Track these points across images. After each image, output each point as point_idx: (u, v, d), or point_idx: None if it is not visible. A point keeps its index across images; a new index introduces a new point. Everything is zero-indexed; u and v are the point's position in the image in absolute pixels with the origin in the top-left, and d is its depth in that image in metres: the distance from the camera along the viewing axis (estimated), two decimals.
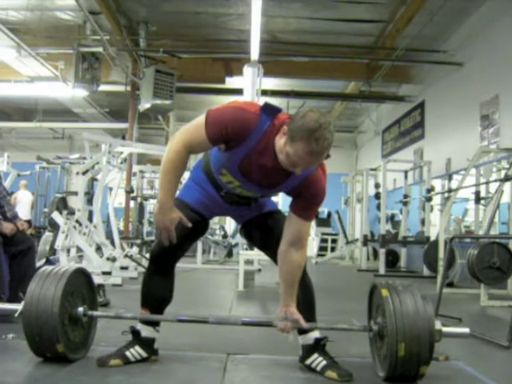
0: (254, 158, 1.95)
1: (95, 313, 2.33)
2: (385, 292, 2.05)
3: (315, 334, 2.23)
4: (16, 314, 2.17)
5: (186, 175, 2.49)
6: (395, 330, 1.94)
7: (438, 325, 2.03)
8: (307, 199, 2.05)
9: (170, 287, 2.29)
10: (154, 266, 2.27)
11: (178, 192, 2.16)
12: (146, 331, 2.25)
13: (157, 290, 2.27)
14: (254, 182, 2.05)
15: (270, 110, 1.90)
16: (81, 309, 2.23)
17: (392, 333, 1.95)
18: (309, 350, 2.22)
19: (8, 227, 3.32)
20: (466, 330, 2.16)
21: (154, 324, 2.27)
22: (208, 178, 2.19)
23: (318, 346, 2.21)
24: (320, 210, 14.30)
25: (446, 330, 2.06)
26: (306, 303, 2.25)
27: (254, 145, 1.92)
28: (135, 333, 2.26)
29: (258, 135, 1.90)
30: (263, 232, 2.27)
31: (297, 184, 2.03)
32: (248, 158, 1.96)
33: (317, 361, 2.18)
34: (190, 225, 2.01)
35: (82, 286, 2.31)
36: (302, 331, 2.23)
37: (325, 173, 2.07)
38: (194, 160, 2.66)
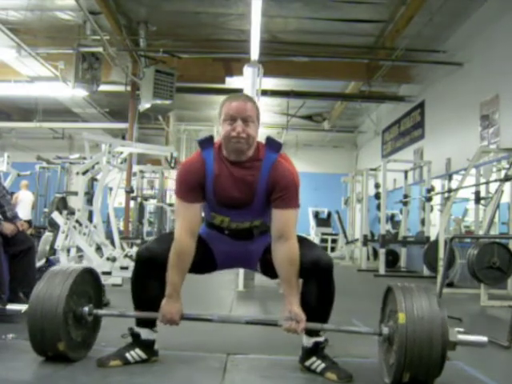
0: (221, 181, 2.13)
1: (100, 312, 2.33)
2: (402, 318, 1.92)
3: (316, 338, 2.21)
4: (22, 311, 2.17)
5: None
6: (403, 360, 1.87)
7: (453, 335, 1.94)
8: (281, 187, 2.10)
9: (163, 286, 2.20)
10: (142, 268, 2.21)
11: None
12: (145, 333, 2.24)
13: (146, 292, 2.21)
14: (236, 206, 2.16)
15: (206, 143, 2.17)
16: (86, 308, 2.23)
17: (400, 362, 1.89)
18: (308, 352, 2.21)
19: (9, 228, 3.31)
20: (484, 338, 2.03)
21: (151, 325, 2.25)
22: (211, 228, 2.31)
23: (318, 349, 2.20)
24: (320, 209, 14.34)
25: (462, 338, 1.97)
26: (324, 304, 2.20)
27: (213, 172, 2.13)
28: (135, 335, 2.25)
29: (210, 164, 2.14)
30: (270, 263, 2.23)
31: (267, 180, 2.10)
32: (217, 185, 2.14)
33: (316, 363, 2.17)
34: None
35: (89, 285, 2.32)
36: (306, 332, 2.21)
37: (287, 161, 2.18)
38: None
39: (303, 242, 2.20)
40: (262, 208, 2.17)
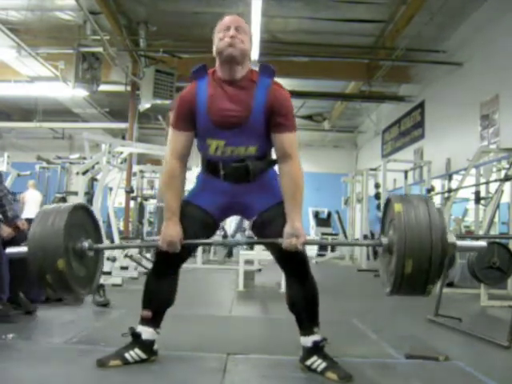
0: (215, 99, 2.16)
1: (100, 246, 2.34)
2: (398, 207, 1.96)
3: (314, 337, 2.22)
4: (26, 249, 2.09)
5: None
6: (404, 246, 1.86)
7: (451, 238, 1.95)
8: (282, 114, 2.16)
9: (174, 289, 2.27)
10: (160, 267, 2.25)
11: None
12: (146, 333, 2.24)
13: (161, 292, 2.24)
14: (231, 124, 2.14)
15: (199, 71, 2.25)
16: (86, 243, 2.20)
17: (400, 249, 1.88)
18: (309, 351, 2.22)
19: (6, 231, 3.30)
20: (484, 243, 2.10)
21: (155, 325, 2.26)
22: (205, 171, 2.30)
23: (317, 349, 2.20)
24: (320, 209, 14.34)
25: (460, 243, 1.99)
26: (309, 302, 2.24)
27: (207, 94, 2.17)
28: (135, 335, 2.25)
29: (203, 89, 2.19)
30: (267, 234, 2.26)
31: (264, 101, 2.14)
32: (211, 104, 2.16)
33: (317, 362, 2.18)
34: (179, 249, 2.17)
35: (85, 220, 2.29)
36: (302, 333, 2.24)
37: (281, 87, 2.24)
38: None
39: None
40: (257, 130, 2.17)
